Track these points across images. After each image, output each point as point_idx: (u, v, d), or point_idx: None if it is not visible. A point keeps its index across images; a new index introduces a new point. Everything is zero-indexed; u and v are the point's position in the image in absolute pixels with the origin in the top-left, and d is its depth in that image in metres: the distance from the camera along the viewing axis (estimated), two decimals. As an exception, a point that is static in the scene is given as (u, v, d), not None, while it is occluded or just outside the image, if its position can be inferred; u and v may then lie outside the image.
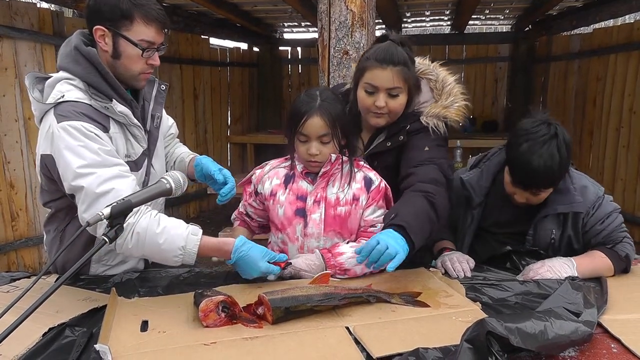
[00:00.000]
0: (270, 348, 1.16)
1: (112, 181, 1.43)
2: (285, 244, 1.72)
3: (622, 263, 1.68)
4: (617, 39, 5.03)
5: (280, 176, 1.75)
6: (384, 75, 1.68)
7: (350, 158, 1.71)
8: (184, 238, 1.46)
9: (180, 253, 1.46)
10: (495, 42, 6.98)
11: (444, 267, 1.70)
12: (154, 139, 1.72)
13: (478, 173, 1.89)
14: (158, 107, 1.74)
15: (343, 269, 1.60)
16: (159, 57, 1.59)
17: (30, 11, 3.87)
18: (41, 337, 1.20)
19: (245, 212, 1.87)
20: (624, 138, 4.92)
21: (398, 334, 1.22)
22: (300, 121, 1.61)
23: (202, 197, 6.32)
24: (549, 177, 1.62)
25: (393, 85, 1.69)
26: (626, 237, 1.73)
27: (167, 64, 5.61)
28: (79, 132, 1.44)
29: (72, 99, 1.47)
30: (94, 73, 1.50)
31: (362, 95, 1.74)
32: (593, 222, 1.73)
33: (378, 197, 1.70)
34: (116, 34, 1.49)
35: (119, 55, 1.52)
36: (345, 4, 2.56)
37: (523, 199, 1.71)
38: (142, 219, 1.45)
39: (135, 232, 1.44)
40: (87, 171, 1.42)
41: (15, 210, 3.85)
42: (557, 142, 1.60)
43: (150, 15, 1.50)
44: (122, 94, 1.56)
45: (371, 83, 1.70)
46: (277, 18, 6.56)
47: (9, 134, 3.74)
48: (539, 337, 1.08)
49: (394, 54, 1.68)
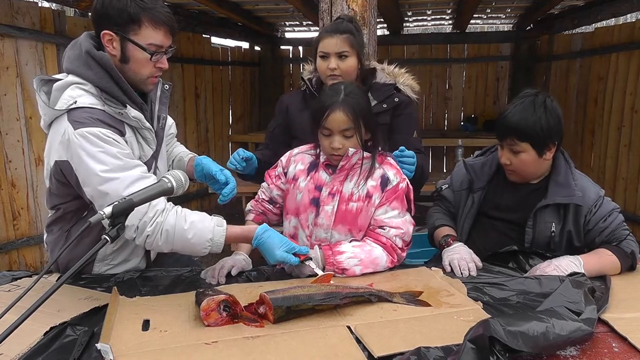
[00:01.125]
0: (271, 347, 1.16)
1: (137, 184, 1.44)
2: (296, 229, 1.76)
3: (629, 260, 1.69)
4: (618, 38, 5.02)
5: (305, 162, 1.79)
6: (333, 42, 2.01)
7: (373, 154, 1.71)
8: (211, 230, 1.52)
9: (209, 245, 1.52)
10: (496, 41, 6.97)
11: (450, 265, 1.70)
12: (160, 140, 1.74)
13: (483, 160, 1.98)
14: (163, 107, 1.75)
15: (341, 268, 1.61)
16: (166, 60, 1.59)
17: (31, 10, 3.87)
18: (42, 336, 1.20)
19: (269, 197, 1.87)
20: (625, 137, 4.91)
21: (399, 333, 1.22)
22: (323, 115, 1.63)
23: (204, 196, 6.32)
24: (521, 126, 1.72)
25: (341, 50, 2.01)
26: (629, 234, 1.75)
27: (169, 63, 5.57)
28: (97, 138, 1.43)
29: (86, 105, 1.47)
30: (106, 79, 1.49)
31: (319, 62, 2.07)
32: (596, 220, 1.74)
33: (392, 198, 1.69)
34: (124, 38, 1.48)
35: (127, 60, 1.52)
36: (347, 3, 2.57)
37: (507, 159, 1.80)
38: (169, 216, 1.49)
39: (164, 230, 1.47)
40: (110, 176, 1.43)
41: (16, 209, 3.85)
42: (535, 100, 1.73)
43: (159, 19, 1.49)
44: (134, 99, 1.56)
45: (323, 50, 2.03)
46: (279, 17, 6.56)
47: (10, 133, 3.74)
48: (541, 339, 1.08)
49: (340, 25, 2.05)
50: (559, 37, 6.19)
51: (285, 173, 1.83)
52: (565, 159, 1.85)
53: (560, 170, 1.81)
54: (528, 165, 1.78)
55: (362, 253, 1.63)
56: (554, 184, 1.79)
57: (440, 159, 7.07)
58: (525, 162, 1.77)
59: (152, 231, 1.46)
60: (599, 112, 5.29)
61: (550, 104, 1.74)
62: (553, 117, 1.72)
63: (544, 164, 1.80)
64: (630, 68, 4.80)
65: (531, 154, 1.75)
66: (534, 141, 1.72)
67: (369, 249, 1.65)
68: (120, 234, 1.22)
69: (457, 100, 7.15)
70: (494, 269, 1.70)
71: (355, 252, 1.63)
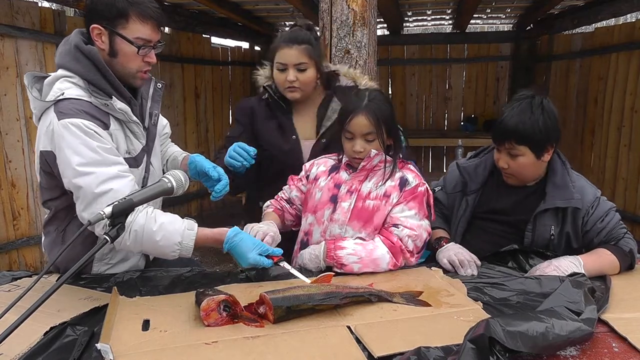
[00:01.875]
0: (271, 347, 1.16)
1: (111, 182, 1.44)
2: (312, 225, 1.78)
3: (628, 258, 1.68)
4: (618, 38, 5.02)
5: (328, 165, 1.85)
6: (291, 53, 1.95)
7: (394, 159, 1.74)
8: (180, 234, 1.49)
9: (178, 248, 1.50)
10: (496, 41, 6.98)
11: (450, 264, 1.70)
12: (153, 136, 1.74)
13: (477, 161, 1.95)
14: (155, 105, 1.75)
15: (340, 263, 1.62)
16: (156, 55, 1.60)
17: (31, 10, 3.87)
18: (42, 336, 1.20)
19: (288, 197, 1.92)
20: (625, 137, 4.91)
21: (399, 333, 1.22)
22: (347, 118, 1.68)
23: (204, 196, 6.32)
24: (519, 130, 1.70)
25: (299, 61, 1.95)
26: (627, 233, 1.75)
27: (169, 63, 5.61)
28: (79, 130, 1.44)
29: (73, 97, 1.49)
30: (94, 71, 1.52)
31: (276, 74, 2.01)
32: (594, 221, 1.74)
33: (410, 198, 1.70)
34: (112, 32, 1.51)
35: (115, 54, 1.54)
36: (347, 3, 2.56)
37: (505, 163, 1.78)
38: (139, 217, 1.47)
39: (133, 230, 1.46)
40: (86, 170, 1.43)
41: (16, 209, 3.85)
42: (532, 102, 1.72)
43: (146, 13, 1.51)
44: (121, 92, 1.57)
45: (281, 62, 1.97)
46: (279, 17, 6.56)
47: (10, 133, 3.74)
48: (540, 340, 1.08)
49: (298, 35, 1.96)
50: (559, 37, 6.19)
51: (308, 176, 1.88)
52: (561, 159, 1.84)
53: (557, 172, 1.80)
54: (526, 168, 1.77)
55: (363, 251, 1.63)
56: (552, 186, 1.77)
57: (440, 159, 7.08)
58: (524, 166, 1.75)
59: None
60: (599, 112, 5.29)
61: (547, 105, 1.73)
62: (551, 119, 1.71)
63: (541, 166, 1.79)
64: (630, 68, 4.80)
65: (529, 157, 1.73)
66: (532, 144, 1.71)
67: (372, 248, 1.64)
68: (120, 234, 1.22)
69: (457, 100, 7.15)
70: (494, 268, 1.70)
71: (357, 250, 1.63)
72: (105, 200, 1.38)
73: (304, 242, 1.81)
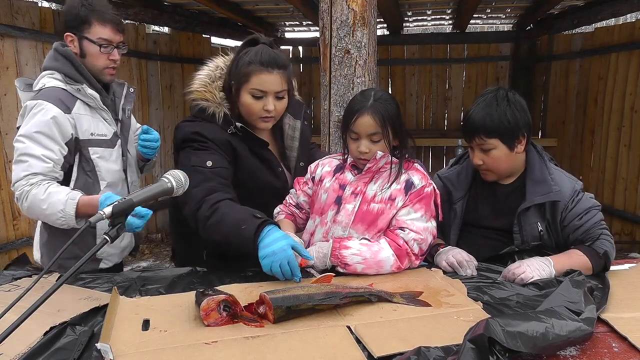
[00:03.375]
0: (271, 347, 1.16)
1: (30, 158, 1.75)
2: (316, 226, 1.77)
3: (601, 261, 1.63)
4: (618, 38, 5.02)
5: (332, 165, 1.83)
6: (272, 79, 1.70)
7: (400, 160, 1.72)
8: (63, 203, 1.69)
9: (61, 215, 1.69)
10: (496, 41, 6.97)
11: (449, 265, 1.69)
12: (127, 127, 2.08)
13: (458, 169, 1.94)
14: (127, 103, 2.08)
15: (344, 263, 1.61)
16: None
17: (31, 10, 3.87)
18: (42, 336, 1.20)
19: (296, 202, 1.91)
20: (625, 137, 4.91)
21: (399, 333, 1.22)
22: (352, 118, 1.66)
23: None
24: (487, 123, 1.70)
25: (281, 89, 1.73)
26: (605, 234, 1.71)
27: (169, 63, 5.61)
28: (37, 107, 1.77)
29: (51, 86, 1.84)
30: (69, 65, 1.86)
31: (249, 101, 1.73)
32: (572, 217, 1.71)
33: (416, 200, 1.68)
34: (80, 36, 1.87)
35: (84, 54, 1.89)
36: (347, 3, 2.56)
37: (479, 159, 1.77)
38: (37, 188, 1.72)
39: (28, 198, 1.73)
40: (21, 139, 1.78)
41: (16, 209, 3.85)
42: (497, 95, 1.72)
43: (105, 18, 1.86)
44: (92, 83, 1.91)
45: (259, 88, 1.70)
46: (279, 17, 6.55)
47: (10, 133, 3.74)
48: (540, 340, 1.08)
49: (277, 57, 1.71)
50: (559, 37, 6.19)
51: (313, 178, 1.86)
52: (539, 152, 1.82)
53: (534, 167, 1.78)
54: (501, 161, 1.74)
55: (367, 252, 1.62)
56: (531, 182, 1.75)
57: (440, 159, 7.07)
58: (498, 159, 1.73)
59: (19, 196, 1.74)
60: (599, 112, 5.30)
61: (513, 97, 1.73)
62: (518, 109, 1.70)
63: (517, 158, 1.77)
64: (630, 68, 4.81)
65: (502, 150, 1.72)
66: (502, 136, 1.70)
67: (376, 250, 1.63)
68: (120, 233, 1.23)
69: (457, 100, 7.14)
70: (494, 268, 1.70)
71: (361, 250, 1.62)
72: (20, 168, 1.74)
73: (306, 242, 1.80)
